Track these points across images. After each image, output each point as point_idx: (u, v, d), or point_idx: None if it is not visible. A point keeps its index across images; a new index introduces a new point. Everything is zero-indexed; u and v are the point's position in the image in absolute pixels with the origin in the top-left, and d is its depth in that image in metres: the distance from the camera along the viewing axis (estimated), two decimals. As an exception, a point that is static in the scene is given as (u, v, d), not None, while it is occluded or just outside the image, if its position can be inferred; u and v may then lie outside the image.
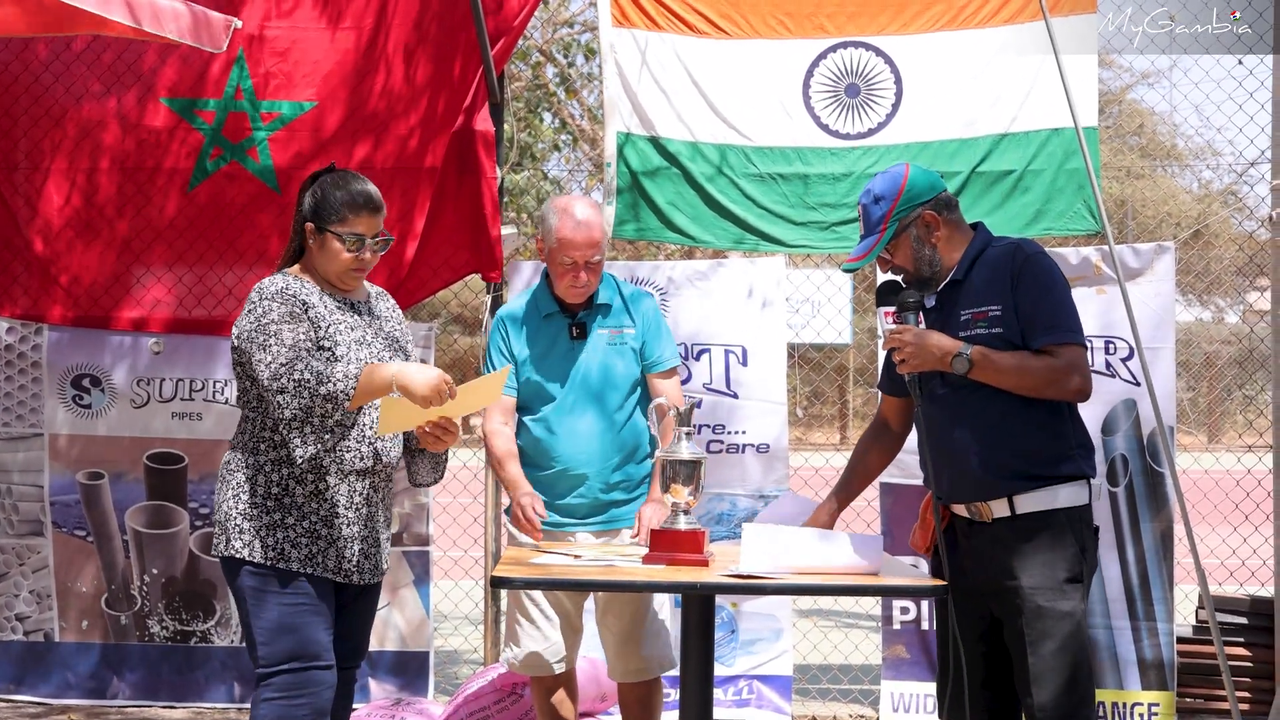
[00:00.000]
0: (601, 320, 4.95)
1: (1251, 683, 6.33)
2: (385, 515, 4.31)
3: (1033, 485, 3.94)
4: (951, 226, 4.12)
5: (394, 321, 4.38)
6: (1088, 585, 3.98)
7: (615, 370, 4.89)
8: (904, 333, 3.99)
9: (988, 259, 4.06)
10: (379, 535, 4.26)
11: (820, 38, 6.64)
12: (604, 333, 4.93)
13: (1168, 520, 6.27)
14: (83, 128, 6.50)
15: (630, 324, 4.93)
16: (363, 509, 4.19)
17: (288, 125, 6.41)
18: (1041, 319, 3.93)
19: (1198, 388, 25.20)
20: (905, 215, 4.09)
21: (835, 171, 6.59)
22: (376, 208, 4.19)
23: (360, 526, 4.18)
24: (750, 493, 6.47)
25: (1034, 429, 3.95)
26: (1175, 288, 6.45)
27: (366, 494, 4.19)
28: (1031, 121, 6.55)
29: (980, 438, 3.98)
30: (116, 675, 6.58)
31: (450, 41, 6.36)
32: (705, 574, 3.90)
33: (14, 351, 6.57)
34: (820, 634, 8.03)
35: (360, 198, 4.17)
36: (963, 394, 3.99)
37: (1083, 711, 3.93)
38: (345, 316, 4.21)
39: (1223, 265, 23.20)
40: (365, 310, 4.29)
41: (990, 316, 3.97)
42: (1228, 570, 7.44)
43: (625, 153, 6.58)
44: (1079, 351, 3.94)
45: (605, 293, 4.97)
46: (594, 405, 4.90)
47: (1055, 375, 3.89)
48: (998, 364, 3.89)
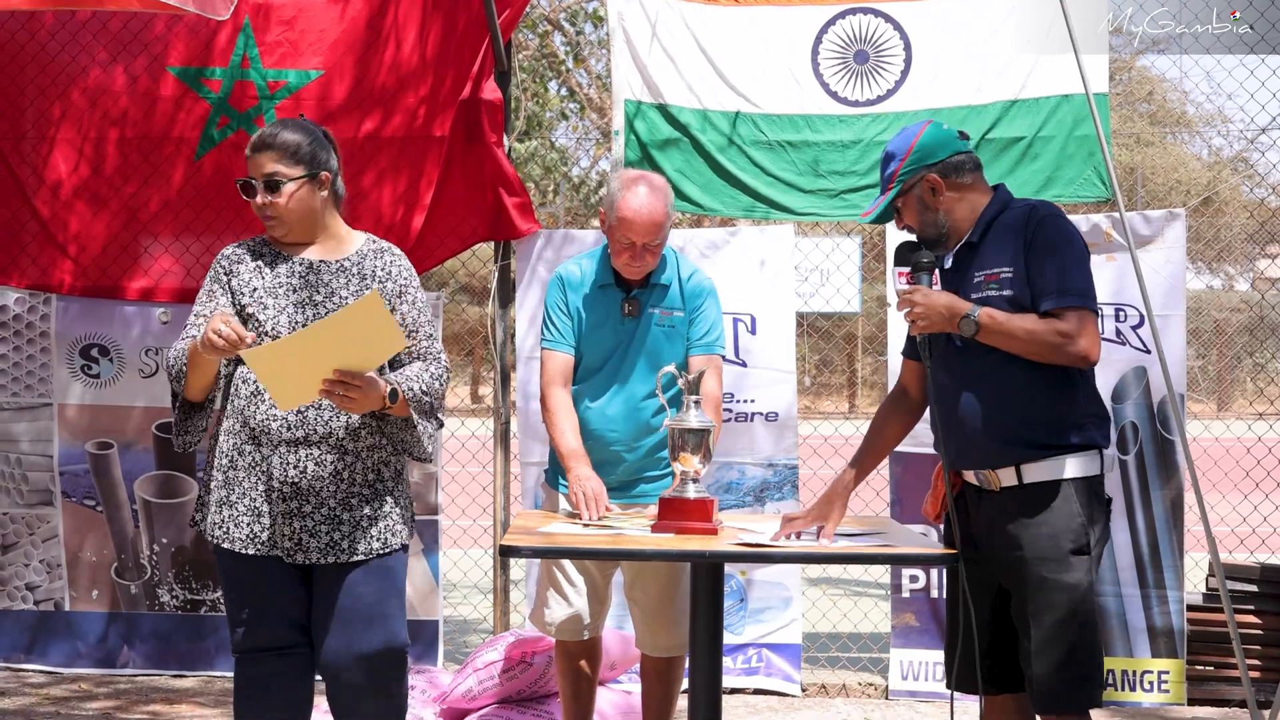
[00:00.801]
0: (658, 300, 4.84)
1: (1262, 650, 6.33)
2: (348, 490, 4.05)
3: (1041, 454, 3.91)
4: (961, 189, 4.08)
5: (371, 281, 4.13)
6: (1097, 557, 3.95)
7: (662, 354, 4.78)
8: (914, 293, 3.97)
9: (1004, 221, 4.03)
10: (338, 514, 4.03)
11: (829, 4, 6.61)
12: (655, 312, 4.83)
13: (1178, 488, 6.26)
14: (90, 97, 6.48)
15: (681, 308, 4.83)
16: (299, 483, 3.99)
17: (294, 94, 6.39)
18: (1050, 282, 3.90)
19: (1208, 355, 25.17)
20: (909, 177, 4.07)
21: (844, 139, 6.57)
22: (260, 146, 4.05)
23: (301, 502, 4.00)
24: (759, 461, 6.47)
25: (1044, 396, 3.93)
26: (1185, 255, 6.43)
27: (304, 466, 4.00)
28: (1041, 88, 6.52)
29: (989, 403, 3.96)
30: (126, 644, 6.60)
31: (457, 10, 6.34)
32: (714, 542, 3.90)
33: (22, 321, 6.57)
34: (829, 602, 8.04)
35: (253, 141, 4.06)
36: (972, 357, 3.96)
37: (1085, 689, 3.89)
38: (288, 279, 4.08)
39: (1233, 232, 23.16)
40: (331, 269, 4.12)
41: (1001, 278, 3.94)
42: (1238, 538, 7.44)
43: (635, 123, 6.56)
44: (1087, 316, 3.90)
45: (666, 273, 4.86)
46: (632, 384, 4.82)
47: (1060, 339, 3.86)
48: (1005, 326, 3.86)
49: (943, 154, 4.09)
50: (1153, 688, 6.28)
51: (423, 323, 4.19)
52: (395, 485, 4.15)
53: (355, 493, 4.05)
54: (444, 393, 4.18)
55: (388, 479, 4.13)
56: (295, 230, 4.12)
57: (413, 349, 4.14)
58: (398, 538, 4.12)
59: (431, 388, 4.07)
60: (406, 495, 4.22)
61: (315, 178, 4.09)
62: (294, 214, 4.07)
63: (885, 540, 4.04)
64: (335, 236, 4.19)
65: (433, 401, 4.08)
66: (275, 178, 4.03)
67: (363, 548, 4.05)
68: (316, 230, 4.15)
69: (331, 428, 4.01)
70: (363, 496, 4.07)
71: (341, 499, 4.03)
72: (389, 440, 4.12)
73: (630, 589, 5.00)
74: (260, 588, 4.06)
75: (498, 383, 6.58)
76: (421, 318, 4.18)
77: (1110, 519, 4.03)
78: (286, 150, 4.04)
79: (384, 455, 4.12)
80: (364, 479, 4.07)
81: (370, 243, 4.22)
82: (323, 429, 4.00)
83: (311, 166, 4.08)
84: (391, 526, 4.11)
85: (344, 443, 4.03)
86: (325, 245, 4.17)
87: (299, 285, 4.08)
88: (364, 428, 4.05)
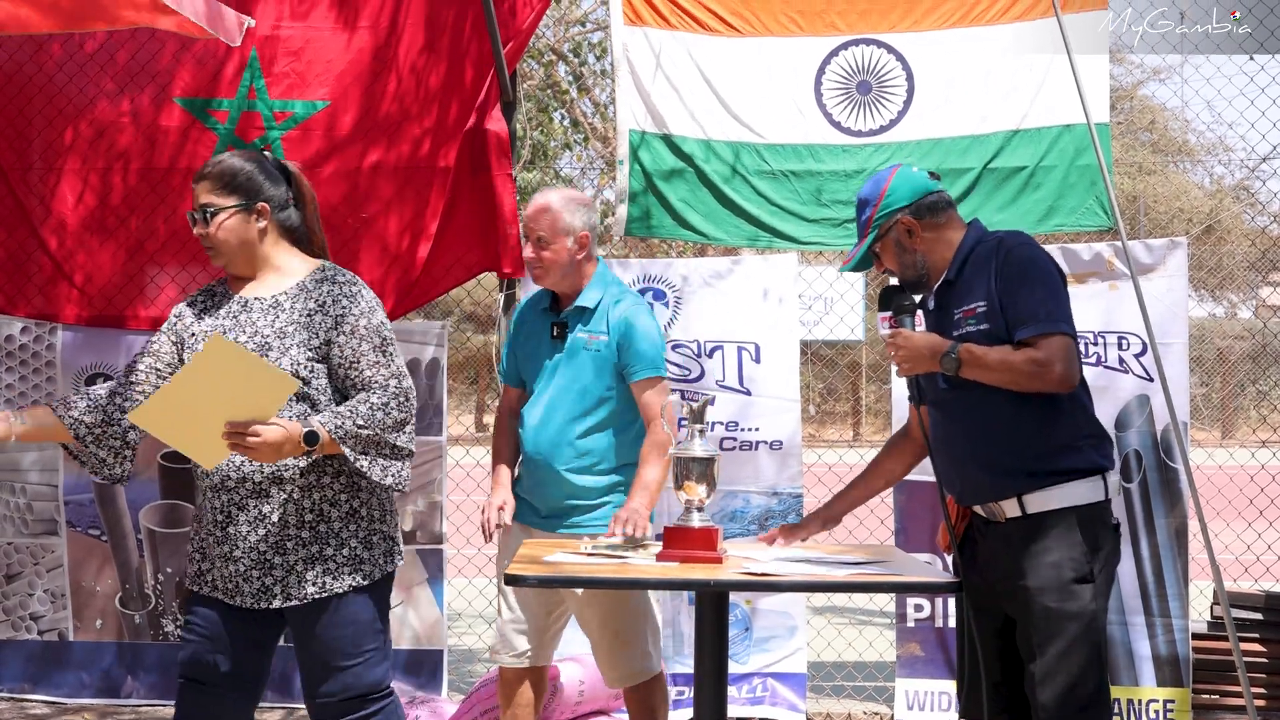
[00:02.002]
0: (582, 325, 4.89)
1: (1267, 678, 6.33)
2: (280, 533, 3.93)
3: (1040, 483, 3.93)
4: (936, 229, 4.12)
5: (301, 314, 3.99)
6: (1105, 583, 3.96)
7: (582, 379, 4.83)
8: (897, 336, 4.01)
9: (978, 255, 4.06)
10: (269, 558, 3.93)
11: (832, 35, 6.65)
12: (583, 336, 4.87)
13: (1182, 516, 6.27)
14: (97, 128, 6.51)
15: (604, 332, 4.84)
16: (228, 527, 3.94)
17: (301, 124, 6.42)
18: (1021, 311, 3.92)
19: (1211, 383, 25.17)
20: (885, 221, 4.11)
21: (847, 168, 6.60)
22: (199, 177, 4.04)
23: (231, 546, 3.94)
24: (764, 490, 6.48)
25: (1032, 425, 3.94)
26: (1188, 283, 6.44)
27: (230, 511, 3.94)
28: (1043, 118, 6.55)
29: (981, 438, 3.99)
30: (131, 675, 6.60)
31: (463, 41, 6.38)
32: (719, 571, 3.90)
33: (28, 351, 6.59)
34: (835, 631, 8.04)
35: (197, 172, 4.06)
36: (961, 394, 3.99)
37: (1091, 716, 3.91)
38: (221, 320, 4.03)
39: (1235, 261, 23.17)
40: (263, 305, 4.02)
41: (978, 313, 3.98)
42: (1242, 566, 7.44)
43: (639, 152, 6.60)
44: (1061, 340, 3.91)
45: (592, 295, 4.91)
46: (557, 409, 4.86)
47: (1035, 367, 3.87)
48: (982, 360, 3.89)
49: (915, 196, 4.12)
50: (1158, 716, 6.27)
51: (364, 352, 3.97)
52: (346, 526, 3.98)
53: (290, 535, 3.93)
54: (400, 420, 3.94)
55: (334, 520, 3.97)
56: (234, 262, 4.06)
57: (355, 380, 3.97)
58: (341, 582, 3.95)
59: (373, 419, 3.87)
60: (366, 536, 4.03)
61: (249, 208, 4.01)
62: (227, 245, 4.02)
63: (890, 568, 4.05)
64: (277, 270, 4.08)
65: (375, 433, 3.88)
66: (208, 207, 4.00)
67: (297, 593, 3.93)
68: (256, 263, 4.07)
69: (245, 472, 3.91)
70: (300, 540, 3.94)
71: (274, 543, 3.93)
72: (329, 480, 3.99)
73: (579, 623, 5.01)
74: (198, 628, 4.04)
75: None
76: (364, 346, 3.97)
77: (1119, 543, 4.03)
78: (221, 180, 4.01)
79: (328, 495, 3.97)
80: (300, 520, 3.94)
81: (317, 273, 4.07)
82: (235, 474, 3.92)
83: (247, 197, 4.01)
84: (334, 570, 3.95)
85: (264, 486, 3.92)
86: (265, 281, 4.08)
87: (229, 326, 4.00)
88: (287, 469, 3.92)
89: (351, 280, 4.08)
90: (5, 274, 6.48)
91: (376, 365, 3.98)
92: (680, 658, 6.42)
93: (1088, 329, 6.24)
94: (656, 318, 5.04)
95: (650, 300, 6.46)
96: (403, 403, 3.95)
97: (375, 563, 4.02)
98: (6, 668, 6.62)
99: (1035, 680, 3.89)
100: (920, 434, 4.29)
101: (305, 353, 3.94)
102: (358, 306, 4.00)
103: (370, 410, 3.88)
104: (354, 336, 3.97)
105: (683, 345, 6.49)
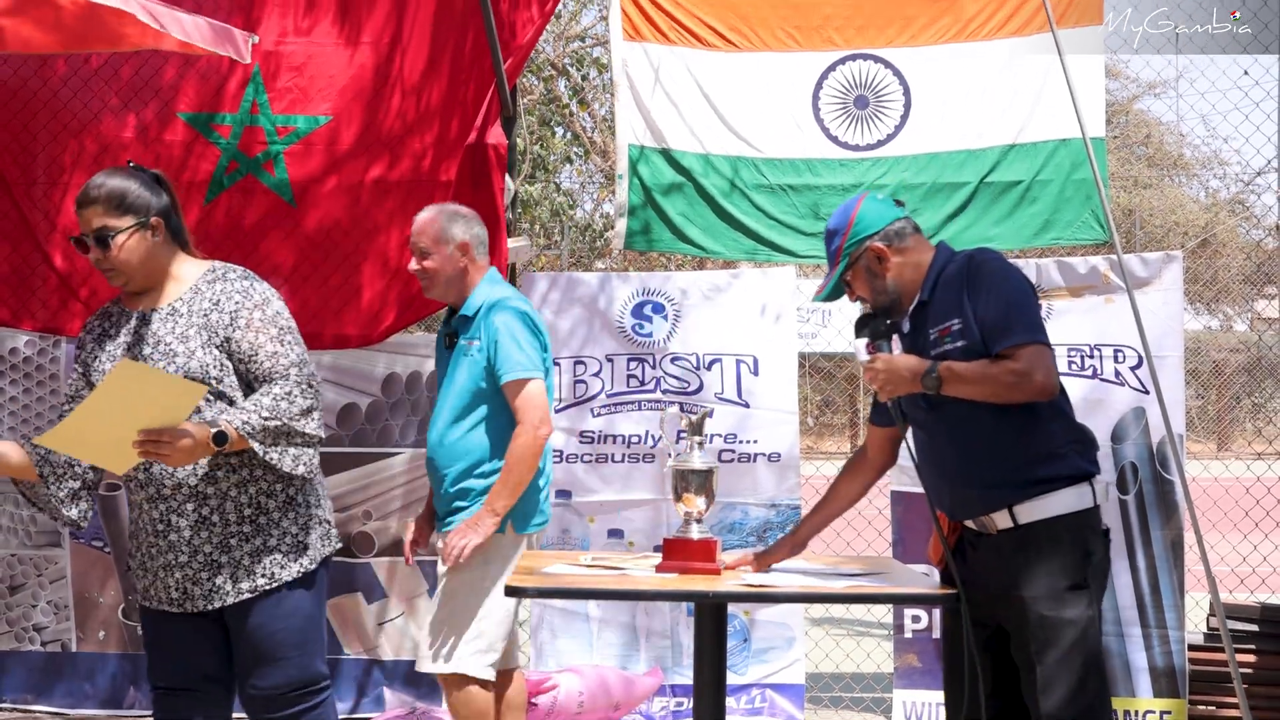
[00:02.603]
0: (466, 332, 5.01)
1: (1263, 690, 6.35)
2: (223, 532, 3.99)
3: (1029, 493, 3.97)
4: (905, 253, 4.17)
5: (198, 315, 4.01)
6: (1099, 588, 4.00)
7: (459, 381, 4.94)
8: (875, 361, 4.05)
9: (948, 274, 4.11)
10: (215, 558, 3.98)
11: (829, 50, 6.69)
12: (464, 344, 5.00)
13: (1178, 528, 6.30)
14: (101, 143, 6.53)
15: (479, 337, 4.93)
16: (169, 535, 3.99)
17: (303, 139, 6.45)
18: (996, 324, 3.97)
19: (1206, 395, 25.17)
20: (854, 249, 4.16)
21: (845, 182, 6.64)
22: (86, 201, 4.01)
23: (175, 553, 3.99)
24: (762, 502, 6.51)
25: (1013, 436, 3.98)
26: (1183, 296, 6.48)
27: (169, 519, 3.98)
28: (1039, 132, 6.60)
29: (963, 454, 4.03)
30: (134, 685, 6.61)
31: (464, 57, 6.41)
32: (717, 583, 3.94)
33: (32, 364, 6.62)
34: (832, 642, 8.06)
35: (79, 196, 4.03)
36: (943, 412, 4.03)
37: (1093, 716, 3.95)
38: (124, 337, 4.06)
39: (1230, 274, 23.20)
40: (162, 315, 4.05)
41: (953, 330, 4.02)
42: (1238, 577, 7.46)
43: (638, 166, 6.64)
44: (1037, 349, 3.96)
45: (473, 303, 5.03)
46: (443, 414, 4.98)
47: (1015, 378, 3.92)
48: (963, 376, 3.93)
49: (882, 222, 4.18)
50: (1154, 727, 6.31)
51: (261, 344, 3.99)
52: (285, 514, 4.05)
53: (232, 533, 3.99)
54: (306, 408, 3.95)
55: (272, 510, 4.03)
56: (138, 279, 4.07)
57: (256, 373, 3.99)
58: (289, 570, 4.04)
59: (277, 409, 3.89)
60: (305, 522, 4.09)
61: (145, 224, 4.03)
62: (128, 265, 4.02)
63: (887, 580, 4.09)
64: (176, 279, 4.10)
65: (282, 423, 3.89)
66: (104, 231, 3.99)
67: (247, 586, 3.99)
68: (160, 276, 4.09)
69: (179, 477, 3.95)
70: (242, 535, 4.00)
71: (218, 543, 3.98)
72: (261, 473, 4.03)
73: None
74: (158, 638, 4.11)
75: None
76: (260, 339, 3.99)
77: (1110, 549, 4.08)
78: (112, 202, 3.99)
79: (263, 487, 4.03)
80: (239, 516, 4.00)
81: (209, 274, 4.09)
82: (170, 481, 3.96)
83: (140, 214, 4.02)
84: (280, 560, 4.03)
85: (200, 488, 3.97)
86: (164, 290, 4.10)
87: (131, 341, 4.03)
88: (219, 468, 3.97)
89: (243, 275, 4.11)
90: (10, 288, 6.50)
91: (275, 355, 4.00)
92: (679, 668, 6.45)
93: (1083, 342, 6.28)
94: (539, 320, 5.04)
95: (650, 313, 6.50)
96: (305, 389, 3.97)
97: (316, 547, 4.11)
98: (10, 678, 6.64)
99: (1037, 688, 3.92)
100: (874, 455, 4.39)
101: (211, 352, 3.97)
102: (250, 300, 4.03)
103: (274, 401, 3.90)
104: (249, 330, 3.99)
105: (681, 358, 6.53)
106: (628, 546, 6.32)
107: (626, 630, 6.42)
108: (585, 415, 6.48)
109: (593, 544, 6.36)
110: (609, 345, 6.54)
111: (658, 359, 6.52)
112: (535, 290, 6.51)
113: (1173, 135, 24.80)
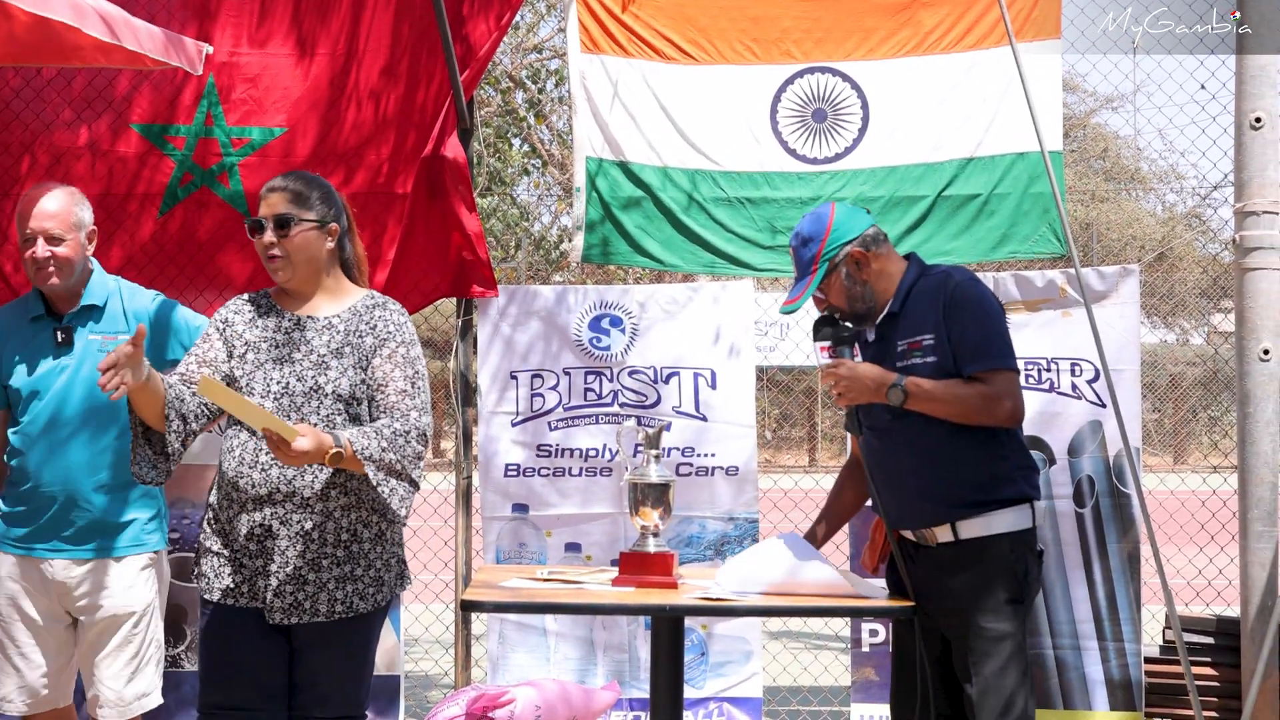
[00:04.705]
0: (93, 325, 4.75)
1: (1218, 702, 6.36)
2: (318, 550, 4.02)
3: (974, 511, 3.99)
4: (882, 260, 4.18)
5: (354, 335, 4.13)
6: (1028, 608, 4.04)
7: None
8: (838, 367, 4.05)
9: (921, 289, 4.12)
10: (303, 574, 4.01)
11: (787, 63, 6.69)
12: (95, 339, 4.73)
13: (1134, 541, 6.32)
14: (54, 154, 6.48)
15: (127, 331, 4.70)
16: (266, 540, 4.00)
17: (258, 151, 6.41)
18: (972, 346, 3.99)
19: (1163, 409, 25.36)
20: (834, 255, 4.16)
21: (803, 196, 6.64)
22: (274, 188, 4.17)
23: (267, 560, 4.00)
24: (719, 515, 6.50)
25: (971, 455, 4.00)
26: (1140, 310, 6.50)
27: (271, 525, 4.00)
28: (997, 146, 6.61)
29: (920, 467, 4.04)
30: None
31: (420, 69, 6.40)
32: (675, 596, 3.93)
33: (-17, 377, 6.54)
34: (790, 656, 8.06)
35: (268, 185, 4.18)
36: (902, 424, 4.04)
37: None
38: (273, 334, 4.10)
39: (1187, 288, 23.38)
40: (317, 325, 4.14)
41: (925, 346, 4.03)
42: (1194, 590, 7.51)
43: (596, 180, 6.62)
44: (1010, 377, 3.99)
45: (97, 293, 4.78)
46: (81, 423, 4.68)
47: (986, 402, 3.95)
48: (931, 393, 3.94)
49: (860, 228, 4.18)
50: (1111, 740, 6.32)
51: (395, 377, 4.09)
52: (374, 548, 4.10)
53: (326, 553, 4.02)
54: (418, 453, 4.02)
55: (365, 540, 4.09)
56: (299, 275, 4.15)
57: (380, 403, 4.08)
58: (367, 602, 4.08)
59: (395, 444, 3.94)
60: (388, 559, 4.16)
61: (323, 225, 4.15)
62: (299, 255, 4.13)
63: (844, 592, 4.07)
64: (333, 293, 4.21)
65: (398, 459, 3.94)
66: (286, 216, 4.10)
67: (325, 609, 4.02)
68: (318, 281, 4.19)
69: (295, 486, 3.99)
70: (335, 558, 4.04)
71: (310, 559, 4.00)
72: (364, 501, 4.07)
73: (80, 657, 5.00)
74: (230, 644, 4.06)
75: (459, 439, 6.59)
76: (396, 372, 4.09)
77: (1042, 571, 4.11)
78: (300, 195, 4.13)
79: (362, 515, 4.07)
80: (336, 539, 4.04)
81: (368, 299, 4.22)
82: (286, 487, 3.98)
83: (322, 214, 4.16)
84: (362, 590, 4.07)
85: (311, 502, 4.00)
86: (321, 300, 4.20)
87: (281, 341, 4.09)
88: (333, 486, 4.02)
89: (401, 310, 4.24)
90: (-40, 298, 6.44)
91: (403, 394, 4.08)
92: (636, 682, 6.43)
93: (1040, 355, 6.29)
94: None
95: (608, 326, 6.48)
96: (420, 436, 4.02)
97: (391, 585, 4.17)
98: None
99: (973, 701, 3.94)
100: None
101: (358, 374, 4.06)
102: (401, 335, 4.16)
103: (393, 435, 3.96)
104: (389, 361, 4.10)
105: (639, 371, 6.51)
106: (585, 560, 6.29)
107: (583, 644, 6.38)
108: (543, 429, 6.45)
109: (550, 558, 6.33)
110: (566, 359, 6.51)
111: (615, 372, 6.50)
112: (492, 304, 6.48)
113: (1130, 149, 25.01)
